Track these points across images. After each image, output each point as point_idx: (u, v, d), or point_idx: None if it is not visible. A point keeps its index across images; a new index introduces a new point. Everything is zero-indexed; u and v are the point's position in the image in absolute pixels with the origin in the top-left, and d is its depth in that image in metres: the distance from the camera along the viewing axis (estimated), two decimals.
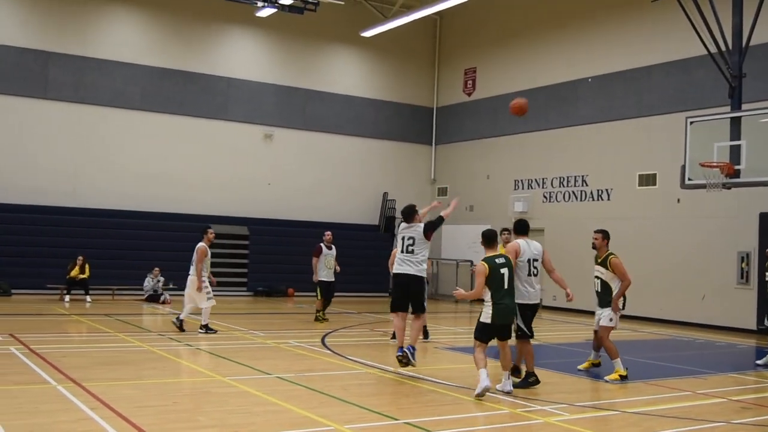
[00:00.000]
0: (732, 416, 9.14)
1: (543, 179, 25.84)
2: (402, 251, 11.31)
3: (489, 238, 10.11)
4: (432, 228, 11.34)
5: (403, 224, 11.55)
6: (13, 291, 21.88)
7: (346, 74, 29.38)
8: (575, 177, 24.68)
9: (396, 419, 8.15)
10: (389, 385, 10.44)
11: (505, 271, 9.82)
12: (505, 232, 13.40)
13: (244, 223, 26.22)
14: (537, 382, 10.36)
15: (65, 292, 21.14)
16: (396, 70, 30.21)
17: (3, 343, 12.56)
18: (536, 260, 10.51)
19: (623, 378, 10.99)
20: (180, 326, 14.96)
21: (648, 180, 22.32)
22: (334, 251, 18.42)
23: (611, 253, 11.37)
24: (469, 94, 29.45)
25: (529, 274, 10.44)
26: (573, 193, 24.73)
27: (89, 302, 20.80)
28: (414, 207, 11.68)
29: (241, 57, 27.28)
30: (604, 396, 10.09)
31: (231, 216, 26.02)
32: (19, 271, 22.20)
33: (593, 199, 23.95)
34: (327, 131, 28.68)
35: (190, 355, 12.35)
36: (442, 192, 30.31)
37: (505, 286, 9.78)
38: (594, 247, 11.57)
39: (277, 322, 19.13)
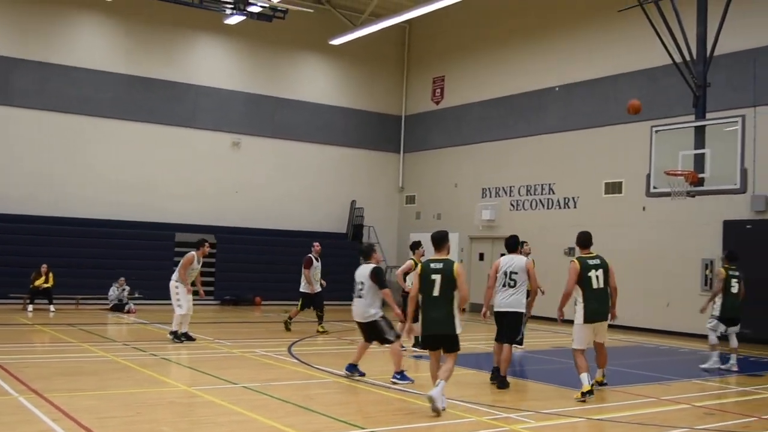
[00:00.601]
0: (695, 422, 9.22)
1: (510, 187, 25.96)
2: (354, 294, 11.31)
3: (435, 240, 9.68)
4: (377, 278, 11.10)
5: (362, 266, 11.40)
6: None
7: (314, 82, 29.35)
8: (542, 185, 24.82)
9: (362, 428, 8.12)
10: (356, 393, 10.41)
11: (436, 277, 9.29)
12: (526, 245, 14.60)
13: (212, 231, 25.96)
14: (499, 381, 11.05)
15: (28, 301, 20.86)
16: (365, 78, 30.23)
17: None
18: (515, 273, 11.12)
19: (584, 395, 10.14)
20: (183, 339, 14.92)
21: (614, 188, 22.51)
22: (320, 263, 18.24)
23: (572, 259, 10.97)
24: (438, 103, 29.54)
25: (504, 285, 11.17)
26: (540, 201, 24.86)
27: (53, 312, 20.56)
28: (372, 246, 11.76)
29: (210, 64, 27.16)
30: (571, 403, 10.11)
31: (198, 224, 25.79)
32: None
33: (560, 207, 24.11)
34: (296, 139, 28.62)
35: (154, 365, 12.21)
36: (411, 200, 30.36)
37: (434, 293, 9.29)
38: None
39: (244, 331, 19.03)
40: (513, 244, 11.50)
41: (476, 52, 27.84)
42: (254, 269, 26.15)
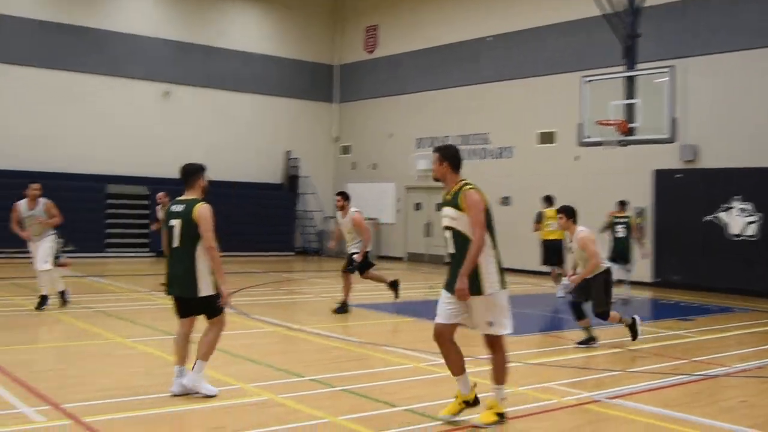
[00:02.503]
0: (629, 365, 9.47)
1: (445, 137, 26.01)
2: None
3: (183, 175, 7.68)
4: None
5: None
6: None
7: (246, 30, 28.81)
8: (477, 135, 24.95)
9: (302, 376, 8.16)
10: (295, 343, 10.43)
11: (175, 223, 7.21)
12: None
13: (144, 182, 25.56)
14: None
15: None
16: (297, 26, 29.78)
17: None
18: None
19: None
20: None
21: (547, 138, 22.75)
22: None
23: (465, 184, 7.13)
24: (371, 52, 29.33)
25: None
26: (475, 151, 25.00)
27: None
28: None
29: (137, 11, 26.33)
30: (511, 348, 10.28)
31: (130, 176, 25.31)
32: None
33: (494, 157, 24.28)
34: (228, 89, 28.10)
35: (87, 318, 12.02)
36: (346, 150, 30.23)
37: (174, 244, 7.22)
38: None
39: None
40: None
41: (409, 2, 27.64)
42: None
